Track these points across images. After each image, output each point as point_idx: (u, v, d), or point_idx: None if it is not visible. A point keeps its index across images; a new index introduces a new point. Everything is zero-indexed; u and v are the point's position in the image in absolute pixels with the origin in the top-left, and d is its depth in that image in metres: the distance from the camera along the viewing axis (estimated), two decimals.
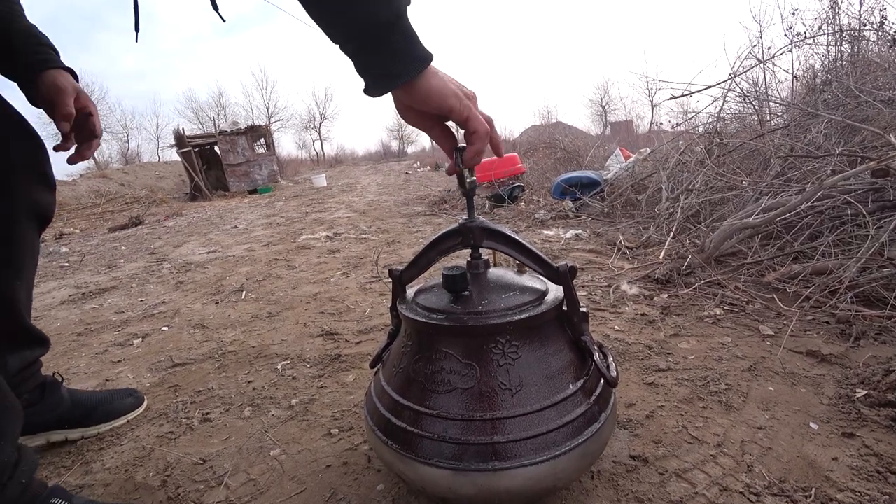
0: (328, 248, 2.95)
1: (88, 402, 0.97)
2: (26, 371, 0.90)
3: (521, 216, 3.32)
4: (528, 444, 0.55)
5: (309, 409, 1.03)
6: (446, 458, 0.56)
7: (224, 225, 4.78)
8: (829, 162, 1.85)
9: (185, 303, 2.02)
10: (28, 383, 0.91)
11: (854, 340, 1.14)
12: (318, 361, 1.27)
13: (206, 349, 1.45)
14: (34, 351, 0.90)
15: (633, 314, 1.43)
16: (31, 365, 0.91)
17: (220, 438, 0.95)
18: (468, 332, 0.59)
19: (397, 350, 0.69)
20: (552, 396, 0.59)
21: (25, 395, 0.91)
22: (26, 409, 0.88)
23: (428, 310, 0.64)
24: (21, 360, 0.88)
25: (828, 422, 0.86)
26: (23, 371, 0.89)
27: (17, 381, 0.89)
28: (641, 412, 0.92)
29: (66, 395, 0.96)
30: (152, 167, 14.10)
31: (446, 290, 0.65)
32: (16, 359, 0.86)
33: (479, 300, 0.63)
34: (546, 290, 0.68)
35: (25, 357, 0.88)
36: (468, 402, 0.57)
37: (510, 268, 0.78)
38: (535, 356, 0.60)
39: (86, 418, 0.97)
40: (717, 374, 1.04)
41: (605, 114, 29.55)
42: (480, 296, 0.64)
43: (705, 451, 0.80)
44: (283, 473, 0.82)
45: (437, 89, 0.56)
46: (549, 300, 0.65)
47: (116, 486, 0.83)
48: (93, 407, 0.97)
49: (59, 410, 0.94)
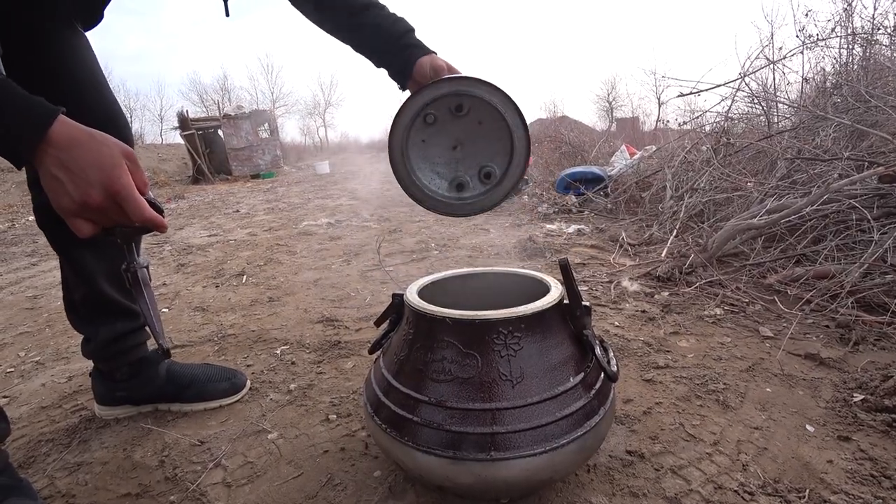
0: (330, 234, 2.95)
1: (181, 380, 0.99)
2: (119, 343, 0.93)
3: (525, 209, 3.31)
4: (526, 436, 0.56)
5: (307, 395, 1.03)
6: (445, 446, 0.56)
7: (226, 209, 4.77)
8: (836, 166, 1.84)
9: (185, 285, 2.02)
10: (125, 356, 0.95)
11: (853, 345, 1.14)
12: (317, 347, 1.28)
13: (206, 332, 1.45)
14: (125, 324, 0.93)
15: (634, 311, 1.43)
16: (124, 338, 0.93)
17: (218, 421, 0.95)
18: (471, 323, 0.59)
19: (398, 338, 0.69)
20: (552, 389, 0.59)
21: (124, 367, 0.95)
22: (125, 382, 0.95)
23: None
24: (112, 332, 0.92)
25: (824, 424, 0.86)
26: (114, 342, 0.92)
27: (110, 352, 0.93)
28: (639, 408, 0.92)
29: (162, 371, 0.99)
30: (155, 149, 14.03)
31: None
32: (107, 330, 0.91)
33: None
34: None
35: (116, 329, 0.92)
36: (468, 392, 0.58)
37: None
38: (536, 348, 0.60)
39: (177, 396, 0.99)
40: (715, 374, 1.04)
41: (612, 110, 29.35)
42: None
43: (701, 449, 0.80)
44: (280, 457, 0.83)
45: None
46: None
47: (114, 465, 0.84)
48: (184, 386, 0.99)
49: (153, 386, 0.97)
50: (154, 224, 0.52)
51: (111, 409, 0.98)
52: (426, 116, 0.62)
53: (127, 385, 0.96)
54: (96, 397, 0.98)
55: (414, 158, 0.63)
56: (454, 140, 0.63)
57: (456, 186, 0.66)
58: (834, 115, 2.09)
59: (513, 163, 0.62)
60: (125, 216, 0.50)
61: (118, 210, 0.49)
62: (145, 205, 0.51)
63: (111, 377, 0.95)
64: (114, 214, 0.50)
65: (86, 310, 0.91)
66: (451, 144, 0.64)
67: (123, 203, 0.49)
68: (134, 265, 0.57)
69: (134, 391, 0.97)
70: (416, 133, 0.62)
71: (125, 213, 0.50)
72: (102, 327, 0.91)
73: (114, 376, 0.95)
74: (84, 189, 0.47)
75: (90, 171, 0.47)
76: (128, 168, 0.50)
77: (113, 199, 0.49)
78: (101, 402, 0.98)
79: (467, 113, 0.61)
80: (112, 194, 0.48)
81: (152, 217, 0.51)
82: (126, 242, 0.56)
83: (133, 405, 0.98)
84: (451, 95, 0.60)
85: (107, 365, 0.95)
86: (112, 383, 0.96)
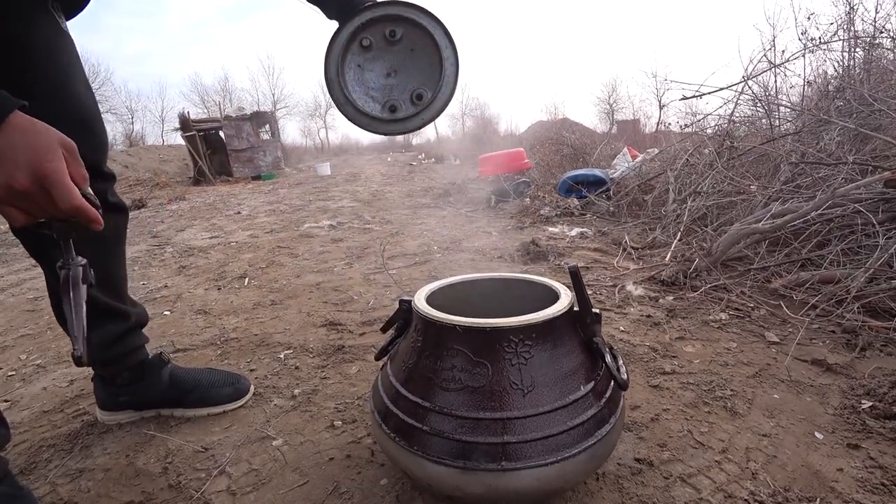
0: (332, 237, 2.94)
1: (184, 385, 0.98)
2: (115, 347, 0.91)
3: (527, 212, 3.30)
4: (538, 446, 0.55)
5: (312, 400, 1.02)
6: (455, 456, 0.55)
7: (227, 210, 4.76)
8: (841, 170, 1.83)
9: (187, 288, 2.01)
10: (124, 361, 0.93)
11: (860, 351, 1.14)
12: (321, 352, 1.27)
13: (209, 335, 1.44)
14: (117, 325, 0.91)
15: (639, 315, 1.42)
16: (119, 341, 0.92)
17: (222, 427, 0.95)
18: (481, 331, 0.58)
19: (406, 345, 0.69)
20: (563, 398, 0.58)
21: (124, 372, 0.94)
22: (126, 387, 0.94)
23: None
24: (104, 335, 0.89)
25: (833, 432, 0.85)
26: (109, 346, 0.90)
27: (107, 357, 0.91)
28: (647, 415, 0.91)
29: (165, 375, 0.98)
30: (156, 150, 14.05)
31: None
32: (99, 333, 0.88)
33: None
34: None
35: (108, 332, 0.90)
36: (479, 401, 0.57)
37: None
38: (547, 356, 0.60)
39: (180, 401, 0.98)
40: (722, 380, 1.03)
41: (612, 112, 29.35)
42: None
43: (710, 457, 0.79)
44: (285, 464, 0.82)
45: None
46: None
47: (117, 472, 0.83)
48: (187, 391, 0.98)
49: (155, 390, 0.96)
50: (84, 215, 0.50)
51: (113, 415, 0.97)
52: (362, 40, 0.64)
53: (129, 390, 0.95)
54: (98, 402, 0.98)
55: (350, 82, 0.66)
56: (388, 68, 0.67)
57: (389, 108, 0.69)
58: (838, 119, 2.08)
59: (443, 83, 0.66)
60: (54, 205, 0.48)
61: (47, 197, 0.48)
62: (75, 192, 0.49)
63: (112, 382, 0.94)
64: (42, 202, 0.48)
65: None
66: (386, 72, 0.67)
67: (52, 188, 0.48)
68: (69, 263, 0.54)
69: (136, 396, 0.96)
70: (352, 57, 0.65)
71: (54, 202, 0.48)
72: (93, 332, 0.88)
73: (115, 381, 0.94)
74: (10, 172, 0.46)
75: (20, 154, 0.47)
76: (65, 158, 0.49)
77: (40, 184, 0.47)
78: (103, 407, 0.97)
79: (400, 39, 0.65)
80: (40, 178, 0.47)
81: (82, 205, 0.50)
82: (62, 238, 0.53)
83: (135, 410, 0.98)
84: (385, 19, 0.63)
85: (106, 370, 0.94)
86: (114, 388, 0.95)
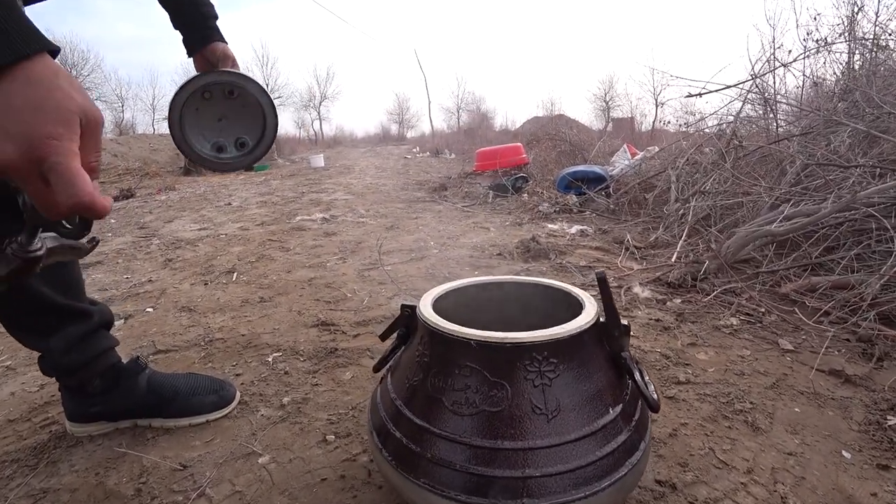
0: (324, 230, 2.85)
1: (164, 393, 0.89)
2: (77, 352, 0.82)
3: (525, 208, 3.24)
4: (564, 479, 0.48)
5: (302, 410, 0.94)
6: (468, 491, 0.48)
7: (217, 201, 4.63)
8: (852, 173, 1.79)
9: (172, 282, 1.91)
10: (92, 366, 0.84)
11: (877, 361, 1.09)
12: (312, 355, 1.19)
13: (192, 335, 1.36)
14: (77, 327, 0.81)
15: (647, 319, 1.36)
16: (81, 344, 0.82)
17: (203, 440, 0.86)
18: (500, 346, 0.51)
19: (410, 358, 0.61)
20: (592, 423, 0.51)
21: (95, 379, 0.85)
22: (99, 396, 0.85)
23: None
24: (64, 340, 0.80)
25: (860, 450, 0.80)
26: (71, 352, 0.81)
27: (72, 364, 0.81)
28: (664, 429, 0.85)
29: (142, 382, 0.89)
30: (147, 139, 13.71)
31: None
32: (58, 339, 0.80)
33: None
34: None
35: (68, 335, 0.81)
36: (496, 428, 0.49)
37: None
38: (573, 375, 0.52)
39: (158, 409, 0.89)
40: (739, 391, 0.98)
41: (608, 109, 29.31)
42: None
43: (735, 479, 0.73)
44: (272, 485, 0.74)
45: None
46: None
47: (84, 493, 0.74)
48: (167, 399, 0.89)
49: (132, 399, 0.88)
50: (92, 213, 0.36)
51: (84, 426, 0.88)
52: (205, 93, 0.76)
53: (102, 399, 0.86)
54: (67, 413, 0.88)
55: (187, 122, 0.77)
56: (220, 114, 0.79)
57: (216, 149, 0.81)
58: (848, 121, 2.03)
59: (263, 138, 0.81)
60: (50, 197, 0.35)
61: (40, 184, 0.34)
62: (83, 183, 0.35)
63: (82, 391, 0.85)
64: (34, 189, 0.35)
65: (28, 320, 0.78)
66: (218, 117, 0.79)
67: (50, 174, 0.34)
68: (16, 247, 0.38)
69: (110, 405, 0.86)
70: (193, 102, 0.76)
71: (51, 193, 0.34)
72: (52, 337, 0.79)
73: (86, 390, 0.85)
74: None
75: (16, 116, 0.33)
76: (82, 135, 0.36)
77: (34, 165, 0.34)
78: (71, 418, 0.88)
79: (237, 97, 0.78)
80: (35, 159, 0.33)
81: (89, 201, 0.35)
82: (32, 223, 0.38)
83: (109, 421, 0.88)
84: (229, 84, 0.77)
85: (74, 380, 0.84)
86: (84, 399, 0.85)
